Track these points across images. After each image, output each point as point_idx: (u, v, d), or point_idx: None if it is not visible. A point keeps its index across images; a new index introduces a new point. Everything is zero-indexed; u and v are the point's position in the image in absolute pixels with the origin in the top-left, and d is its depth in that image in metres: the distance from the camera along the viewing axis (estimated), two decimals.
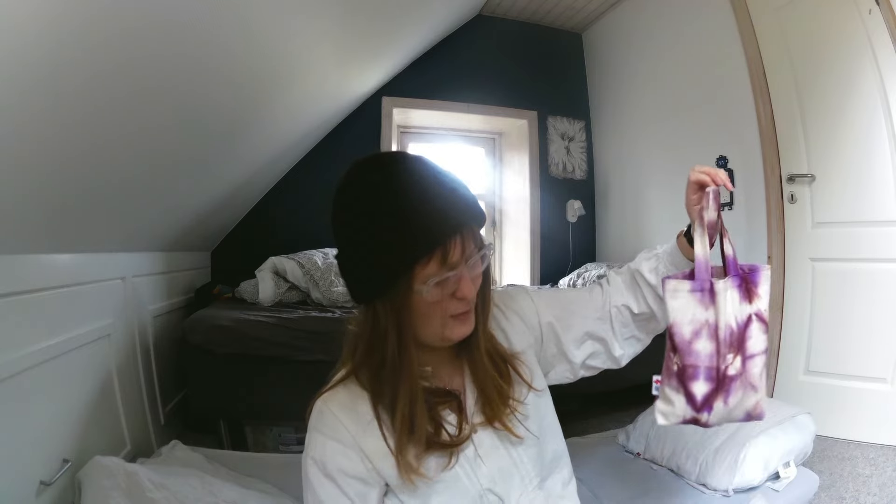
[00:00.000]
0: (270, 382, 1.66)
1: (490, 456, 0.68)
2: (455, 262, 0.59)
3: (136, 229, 1.53)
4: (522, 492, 0.70)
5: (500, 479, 0.68)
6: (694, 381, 0.69)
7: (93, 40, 0.78)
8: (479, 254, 0.63)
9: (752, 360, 0.70)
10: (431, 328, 0.63)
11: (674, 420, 0.71)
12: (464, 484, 0.66)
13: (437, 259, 0.58)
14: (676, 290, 0.70)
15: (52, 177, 0.95)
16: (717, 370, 0.69)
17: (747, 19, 2.17)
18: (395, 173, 0.60)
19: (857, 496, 1.46)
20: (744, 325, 0.69)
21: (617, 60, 3.06)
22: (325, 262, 2.17)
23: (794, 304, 2.09)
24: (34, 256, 1.05)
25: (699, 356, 0.69)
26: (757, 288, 0.71)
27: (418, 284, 0.59)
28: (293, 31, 1.42)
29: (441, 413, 0.67)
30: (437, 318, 0.62)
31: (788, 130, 2.09)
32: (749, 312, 0.70)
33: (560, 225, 3.18)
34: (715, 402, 0.69)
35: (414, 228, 0.57)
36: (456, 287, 0.61)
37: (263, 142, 1.98)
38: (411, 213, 0.57)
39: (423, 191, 0.59)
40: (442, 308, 0.61)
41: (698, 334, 0.69)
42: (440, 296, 0.60)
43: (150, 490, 1.04)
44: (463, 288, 0.61)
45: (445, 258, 0.58)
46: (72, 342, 1.18)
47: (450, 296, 0.61)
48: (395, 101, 2.92)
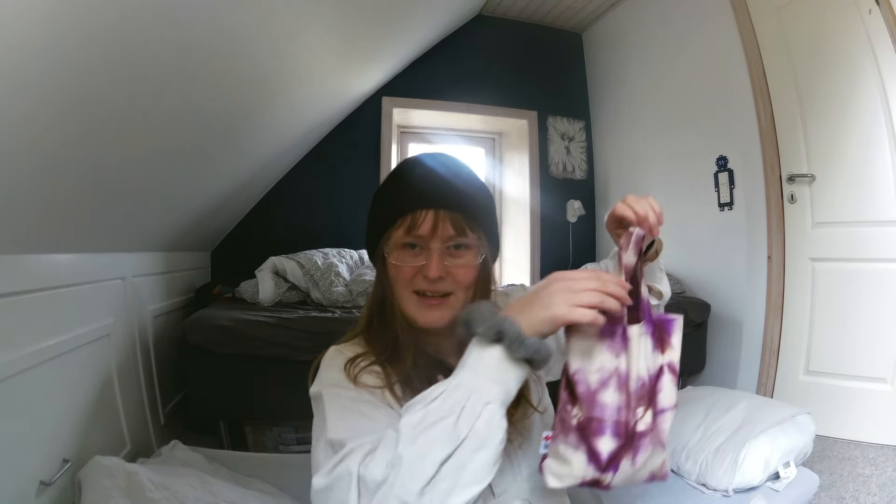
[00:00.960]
0: (270, 382, 1.66)
1: None
2: (422, 235, 0.66)
3: (136, 229, 1.53)
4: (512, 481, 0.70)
5: None
6: (599, 436, 0.60)
7: (93, 40, 0.78)
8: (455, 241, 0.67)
9: (662, 415, 0.63)
10: (403, 299, 0.68)
11: (570, 482, 0.61)
12: None
13: (405, 225, 0.66)
14: (584, 332, 0.61)
15: (52, 177, 0.95)
16: (626, 425, 0.61)
17: (747, 20, 2.17)
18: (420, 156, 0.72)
19: (857, 496, 1.46)
20: (655, 376, 0.63)
21: (617, 60, 3.06)
22: (325, 262, 2.17)
23: (794, 304, 2.09)
24: (34, 256, 1.05)
25: (606, 409, 0.60)
26: (670, 338, 0.64)
27: (389, 244, 0.68)
28: (294, 31, 1.42)
29: None
30: (403, 285, 0.68)
31: (788, 130, 2.09)
32: (661, 363, 0.63)
33: (560, 225, 3.18)
34: (622, 460, 0.61)
35: (393, 196, 0.69)
36: (425, 262, 0.66)
37: (263, 142, 1.98)
38: (396, 185, 0.70)
39: (413, 171, 0.70)
40: (408, 276, 0.67)
41: (606, 384, 0.60)
42: (404, 261, 0.67)
43: (150, 490, 1.04)
44: (429, 265, 0.66)
45: (413, 226, 0.66)
46: (72, 342, 1.18)
47: (418, 269, 0.67)
48: (395, 101, 2.92)
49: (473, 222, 0.68)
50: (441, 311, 0.68)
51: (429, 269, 0.65)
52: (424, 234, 0.66)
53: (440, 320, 0.68)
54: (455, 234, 0.67)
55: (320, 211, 2.78)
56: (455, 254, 0.68)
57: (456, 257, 0.68)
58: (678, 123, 2.60)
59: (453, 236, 0.67)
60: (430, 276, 0.65)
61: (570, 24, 3.23)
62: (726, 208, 2.33)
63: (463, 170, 0.72)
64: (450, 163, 0.71)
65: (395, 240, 0.68)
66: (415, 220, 0.66)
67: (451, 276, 0.67)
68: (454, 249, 0.68)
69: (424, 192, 0.67)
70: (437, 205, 0.66)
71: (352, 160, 2.84)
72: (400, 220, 0.66)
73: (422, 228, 0.66)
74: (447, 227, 0.66)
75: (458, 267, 0.67)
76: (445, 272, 0.66)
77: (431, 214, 0.66)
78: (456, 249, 0.68)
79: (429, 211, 0.66)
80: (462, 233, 0.67)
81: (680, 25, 2.54)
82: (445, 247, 0.67)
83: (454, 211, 0.67)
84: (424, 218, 0.66)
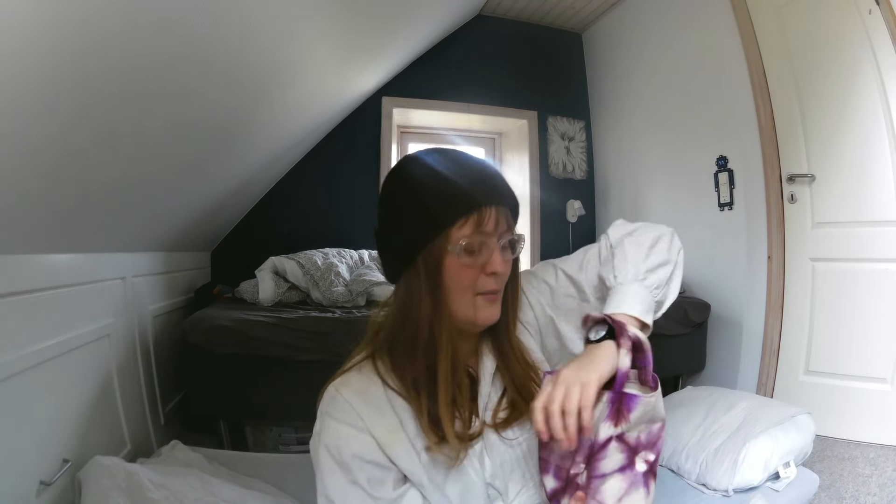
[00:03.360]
0: (270, 382, 1.66)
1: (494, 449, 0.68)
2: (489, 231, 0.64)
3: (136, 229, 1.53)
4: (522, 486, 0.70)
5: (500, 473, 0.68)
6: (545, 473, 0.66)
7: (93, 40, 0.78)
8: (512, 236, 0.67)
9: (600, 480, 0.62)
10: (461, 303, 0.65)
11: None
12: (471, 478, 0.67)
13: (473, 222, 0.63)
14: None
15: (52, 177, 0.95)
16: (567, 472, 0.64)
17: (747, 19, 2.17)
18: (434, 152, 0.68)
19: (857, 496, 1.46)
20: (602, 443, 0.62)
21: (617, 60, 3.06)
22: (325, 262, 2.17)
23: (794, 304, 2.09)
24: (34, 256, 1.05)
25: (552, 452, 0.65)
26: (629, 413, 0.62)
27: (452, 244, 0.63)
28: (294, 31, 1.42)
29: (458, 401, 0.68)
30: (467, 290, 0.65)
31: (788, 130, 2.09)
32: (610, 434, 0.62)
33: (560, 225, 3.18)
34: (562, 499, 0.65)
35: (453, 190, 0.63)
36: (487, 260, 0.64)
37: (263, 142, 1.98)
38: (451, 178, 0.64)
39: (462, 163, 0.66)
40: (471, 278, 0.64)
41: None
42: (471, 262, 0.64)
43: (150, 490, 1.04)
44: (494, 261, 0.64)
45: (480, 223, 0.63)
46: (72, 342, 1.18)
47: (480, 269, 0.65)
48: (395, 101, 2.92)
49: (517, 217, 0.70)
50: (498, 305, 0.68)
51: (496, 265, 0.64)
52: (491, 229, 0.64)
53: (497, 315, 0.68)
54: (508, 230, 0.67)
55: (320, 211, 2.78)
56: (507, 248, 0.67)
57: (507, 251, 0.67)
58: (678, 123, 2.60)
59: (507, 231, 0.67)
60: (500, 271, 0.65)
61: (570, 24, 3.23)
62: (726, 208, 2.33)
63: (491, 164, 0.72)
64: (476, 158, 0.70)
65: (460, 238, 0.63)
66: (482, 216, 0.63)
67: (506, 271, 0.68)
68: (508, 245, 0.67)
69: (487, 190, 0.64)
70: (498, 201, 0.65)
71: (352, 160, 2.84)
72: (464, 219, 0.63)
73: (489, 224, 0.64)
74: (503, 223, 0.66)
75: (508, 262, 0.68)
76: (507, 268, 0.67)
77: (495, 211, 0.64)
78: (510, 245, 0.68)
79: (492, 207, 0.64)
80: (513, 228, 0.68)
81: (680, 25, 2.54)
82: (505, 242, 0.66)
83: (507, 206, 0.67)
84: (491, 214, 0.64)
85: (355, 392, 0.66)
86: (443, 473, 0.65)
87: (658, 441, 0.65)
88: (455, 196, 0.63)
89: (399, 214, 0.66)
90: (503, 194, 0.66)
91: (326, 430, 0.64)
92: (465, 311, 0.66)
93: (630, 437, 0.63)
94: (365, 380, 0.67)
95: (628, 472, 0.63)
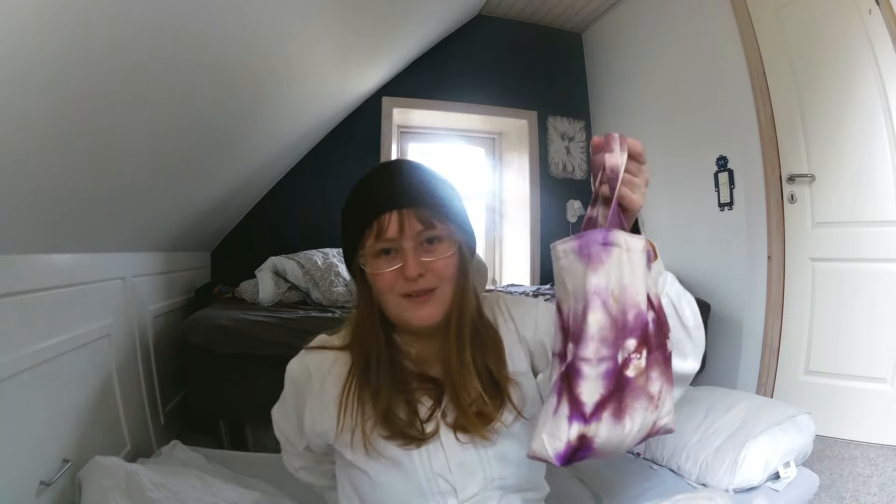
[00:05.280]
0: (270, 382, 1.65)
1: (453, 449, 0.68)
2: (391, 237, 0.65)
3: (136, 229, 1.53)
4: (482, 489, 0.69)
5: (458, 471, 0.68)
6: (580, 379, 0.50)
7: (93, 40, 0.78)
8: (425, 234, 0.66)
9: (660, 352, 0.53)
10: (390, 306, 0.68)
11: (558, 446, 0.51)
12: (413, 463, 0.68)
13: (373, 233, 0.66)
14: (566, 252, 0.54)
15: (52, 177, 0.95)
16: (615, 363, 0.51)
17: (747, 19, 2.17)
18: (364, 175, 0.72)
19: (857, 496, 1.46)
20: (659, 305, 0.53)
21: (617, 60, 3.06)
22: (325, 262, 2.17)
23: (794, 304, 2.09)
24: (34, 256, 1.05)
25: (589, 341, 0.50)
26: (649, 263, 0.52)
27: (364, 257, 0.67)
28: (294, 32, 1.42)
29: (418, 399, 0.70)
30: (389, 293, 0.67)
31: (788, 130, 2.09)
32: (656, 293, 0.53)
33: (560, 225, 3.18)
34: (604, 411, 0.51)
35: (355, 209, 0.69)
36: (401, 264, 0.65)
37: (264, 142, 1.98)
38: (357, 199, 0.70)
39: (372, 175, 0.70)
40: (389, 282, 0.66)
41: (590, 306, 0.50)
42: (383, 268, 0.66)
43: (150, 490, 1.04)
44: (405, 264, 0.65)
45: (380, 232, 0.65)
46: (72, 342, 1.18)
47: (398, 273, 0.66)
48: (395, 101, 2.92)
49: (441, 214, 0.67)
50: (431, 306, 0.67)
51: (406, 268, 0.64)
52: (393, 235, 0.65)
53: (433, 316, 0.67)
54: (424, 228, 0.66)
55: (320, 211, 2.78)
56: (429, 249, 0.67)
57: (431, 252, 0.67)
58: (678, 123, 2.60)
59: (422, 230, 0.66)
60: (409, 275, 0.64)
61: (570, 24, 3.23)
62: (726, 208, 2.32)
63: (420, 168, 0.71)
64: (405, 165, 0.72)
65: (368, 250, 0.67)
66: (381, 224, 0.65)
67: (431, 270, 0.66)
68: (428, 244, 0.67)
69: (384, 196, 0.66)
70: (399, 204, 0.65)
71: (352, 160, 2.84)
72: (367, 231, 0.66)
73: (389, 231, 0.65)
74: (414, 224, 0.65)
75: (435, 260, 0.66)
76: (424, 268, 0.66)
77: (396, 215, 0.65)
78: (430, 244, 0.67)
79: (392, 212, 0.65)
80: (430, 226, 0.66)
81: (680, 25, 2.53)
82: (418, 243, 0.66)
83: (418, 206, 0.66)
84: (390, 220, 0.65)
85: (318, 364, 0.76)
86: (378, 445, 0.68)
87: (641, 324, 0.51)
88: (359, 210, 0.68)
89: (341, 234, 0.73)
90: (408, 196, 0.66)
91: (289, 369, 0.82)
92: (395, 312, 0.68)
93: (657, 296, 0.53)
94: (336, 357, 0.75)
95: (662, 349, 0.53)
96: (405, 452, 0.68)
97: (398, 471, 0.68)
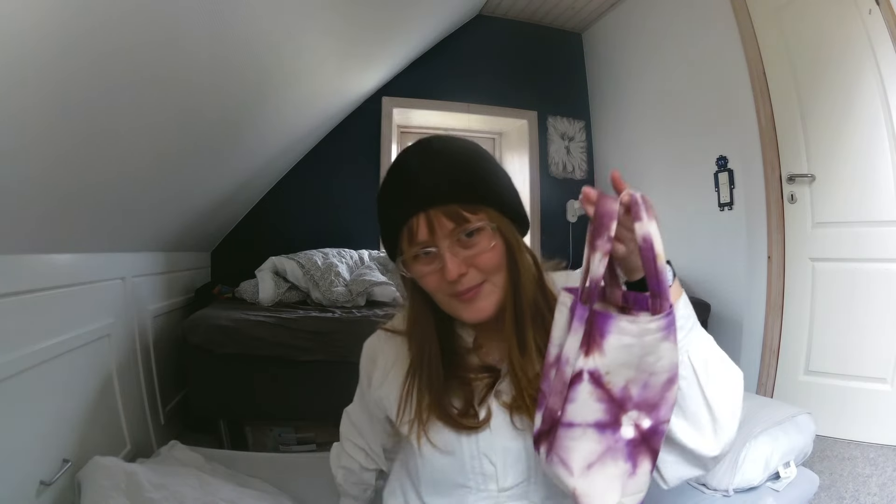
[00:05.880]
0: (270, 382, 1.66)
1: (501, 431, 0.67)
2: (424, 241, 0.62)
3: (136, 229, 1.53)
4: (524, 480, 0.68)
5: (502, 454, 0.67)
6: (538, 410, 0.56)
7: (91, 38, 0.78)
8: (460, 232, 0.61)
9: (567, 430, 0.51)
10: (442, 304, 0.66)
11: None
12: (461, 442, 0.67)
13: (406, 238, 0.63)
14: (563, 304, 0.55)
15: (52, 177, 0.95)
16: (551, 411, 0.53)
17: (747, 19, 2.17)
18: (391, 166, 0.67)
19: (857, 496, 1.46)
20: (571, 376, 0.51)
21: (617, 60, 3.06)
22: (325, 262, 2.17)
23: (794, 304, 2.09)
24: (34, 256, 1.05)
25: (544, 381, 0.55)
26: (602, 340, 0.49)
27: (402, 261, 0.65)
28: (294, 31, 1.42)
29: (474, 389, 0.69)
30: (438, 293, 0.65)
31: (788, 130, 2.09)
32: (581, 367, 0.50)
33: (560, 225, 3.18)
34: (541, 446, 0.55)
35: (384, 213, 0.65)
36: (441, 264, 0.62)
37: (263, 142, 1.98)
38: (384, 202, 0.65)
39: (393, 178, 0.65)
40: (435, 285, 0.64)
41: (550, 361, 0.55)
42: (427, 273, 0.63)
43: (149, 490, 1.04)
44: (444, 266, 0.61)
45: (412, 237, 0.62)
46: (72, 342, 1.18)
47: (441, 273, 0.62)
48: (395, 101, 2.92)
49: (473, 203, 0.62)
50: (481, 300, 0.64)
51: (446, 272, 0.61)
52: (425, 238, 0.61)
53: (485, 310, 0.64)
54: (455, 226, 0.61)
55: (320, 211, 2.78)
56: (468, 243, 0.62)
57: (470, 246, 0.62)
58: (678, 123, 2.60)
59: (454, 229, 0.61)
60: (450, 278, 0.61)
61: (570, 24, 3.23)
62: (726, 208, 2.32)
63: (444, 153, 0.64)
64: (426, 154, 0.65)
65: (406, 255, 0.64)
66: (411, 229, 0.62)
67: (474, 266, 0.62)
68: (466, 239, 0.61)
69: (407, 198, 0.62)
70: (424, 205, 0.61)
71: (352, 160, 2.84)
72: (400, 235, 0.63)
73: (420, 234, 0.61)
74: (444, 223, 0.61)
75: (476, 256, 0.62)
76: (466, 266, 0.62)
77: (423, 217, 0.61)
78: (468, 238, 0.62)
79: (419, 215, 0.61)
80: (463, 220, 0.61)
81: (680, 25, 2.53)
82: (455, 240, 0.61)
83: (445, 203, 0.61)
84: (419, 224, 0.61)
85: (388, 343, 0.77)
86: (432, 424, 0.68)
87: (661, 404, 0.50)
88: (388, 216, 0.65)
89: None
90: (432, 194, 0.61)
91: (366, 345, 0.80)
92: (448, 310, 0.66)
93: (612, 382, 0.50)
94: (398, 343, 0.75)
95: (608, 433, 0.51)
96: (456, 437, 0.67)
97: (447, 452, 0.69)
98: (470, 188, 0.62)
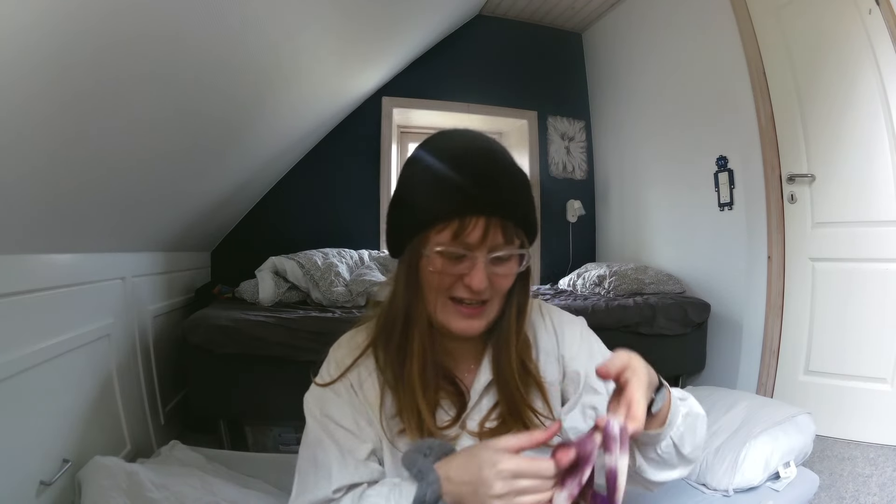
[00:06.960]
0: (270, 382, 1.66)
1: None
2: (470, 243, 0.58)
3: (136, 229, 1.53)
4: None
5: None
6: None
7: (89, 37, 0.78)
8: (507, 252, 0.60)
9: None
10: (436, 305, 0.62)
11: None
12: None
13: (451, 230, 0.58)
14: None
15: (52, 177, 0.95)
16: None
17: (747, 19, 2.17)
18: (455, 137, 0.64)
19: (857, 496, 1.46)
20: None
21: (617, 60, 3.06)
22: (325, 262, 2.17)
23: (794, 304, 2.09)
24: (34, 256, 1.05)
25: None
26: None
27: (427, 248, 0.59)
28: (294, 31, 1.42)
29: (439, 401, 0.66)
30: (437, 292, 0.62)
31: (788, 130, 2.09)
32: None
33: (560, 225, 3.18)
34: None
35: (437, 193, 0.59)
36: (468, 272, 0.59)
37: (263, 142, 1.98)
38: (440, 179, 0.59)
39: (465, 160, 0.60)
40: (445, 284, 0.61)
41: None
42: (445, 269, 0.60)
43: (149, 490, 1.04)
44: (473, 275, 0.59)
45: (460, 233, 0.58)
46: (72, 342, 1.18)
47: (458, 276, 0.60)
48: (395, 101, 2.92)
49: (522, 230, 0.62)
50: (478, 320, 0.63)
51: (473, 280, 0.59)
52: (473, 241, 0.58)
53: (476, 329, 0.64)
54: (504, 244, 0.60)
55: (320, 211, 2.78)
56: (499, 262, 0.61)
57: (499, 266, 0.61)
58: (678, 123, 2.60)
59: (502, 245, 0.60)
60: (474, 288, 0.59)
61: (570, 24, 3.23)
62: (726, 208, 2.32)
63: (509, 164, 0.63)
64: (496, 154, 0.63)
65: (436, 244, 0.59)
66: (463, 226, 0.58)
67: (492, 284, 0.61)
68: (502, 258, 0.61)
69: (478, 197, 0.58)
70: (490, 211, 0.58)
71: (352, 160, 2.84)
72: (444, 224, 0.58)
73: (471, 236, 0.58)
74: (497, 236, 0.59)
75: (500, 276, 0.62)
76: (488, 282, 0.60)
77: (483, 221, 0.58)
78: (500, 260, 0.61)
79: (480, 218, 0.58)
80: (510, 241, 0.60)
81: (680, 25, 2.54)
82: (493, 255, 0.60)
83: (506, 218, 0.59)
84: (475, 225, 0.58)
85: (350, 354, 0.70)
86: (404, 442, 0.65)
87: None
88: (440, 198, 0.59)
89: (397, 202, 0.64)
90: (504, 205, 0.59)
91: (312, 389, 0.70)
92: (439, 313, 0.63)
93: None
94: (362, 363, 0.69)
95: None
96: None
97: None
98: (525, 214, 0.62)
